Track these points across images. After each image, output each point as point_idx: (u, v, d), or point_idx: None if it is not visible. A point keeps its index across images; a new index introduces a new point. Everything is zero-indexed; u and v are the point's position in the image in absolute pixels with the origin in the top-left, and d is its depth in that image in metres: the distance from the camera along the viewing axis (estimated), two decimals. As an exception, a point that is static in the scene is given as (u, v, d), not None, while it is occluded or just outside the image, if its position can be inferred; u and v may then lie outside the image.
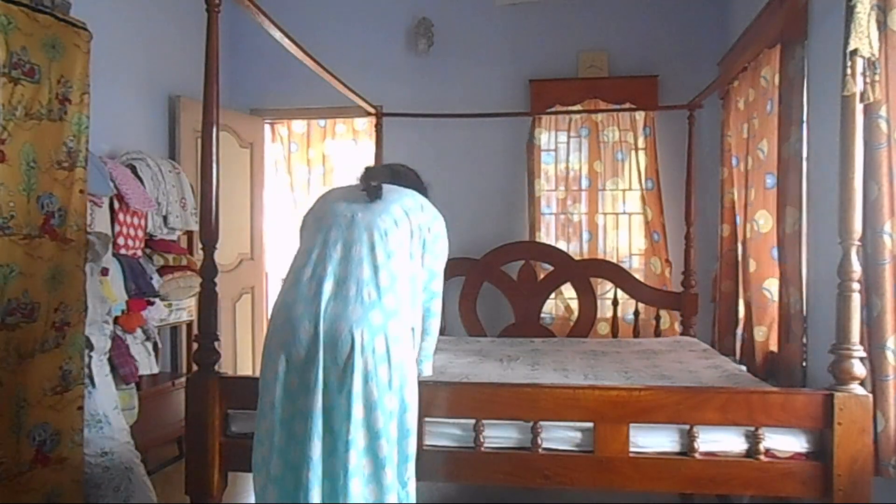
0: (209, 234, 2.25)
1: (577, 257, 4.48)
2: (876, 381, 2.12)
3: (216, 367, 2.26)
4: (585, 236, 4.67)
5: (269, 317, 2.18)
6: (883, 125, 2.11)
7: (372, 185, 2.08)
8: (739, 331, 3.68)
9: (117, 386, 3.03)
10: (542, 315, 4.38)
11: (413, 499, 1.93)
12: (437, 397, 2.16)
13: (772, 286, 3.13)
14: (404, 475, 1.90)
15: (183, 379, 3.36)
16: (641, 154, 4.59)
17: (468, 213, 4.71)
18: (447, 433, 2.21)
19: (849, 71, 1.91)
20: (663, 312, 4.20)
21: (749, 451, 2.07)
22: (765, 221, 3.17)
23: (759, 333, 3.20)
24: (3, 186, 2.24)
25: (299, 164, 5.30)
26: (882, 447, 2.11)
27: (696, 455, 2.07)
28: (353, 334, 1.82)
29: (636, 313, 4.25)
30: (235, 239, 4.76)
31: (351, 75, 3.74)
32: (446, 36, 4.76)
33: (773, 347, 3.13)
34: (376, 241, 1.97)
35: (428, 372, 2.31)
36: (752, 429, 2.05)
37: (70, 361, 2.48)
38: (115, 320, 3.15)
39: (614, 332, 4.23)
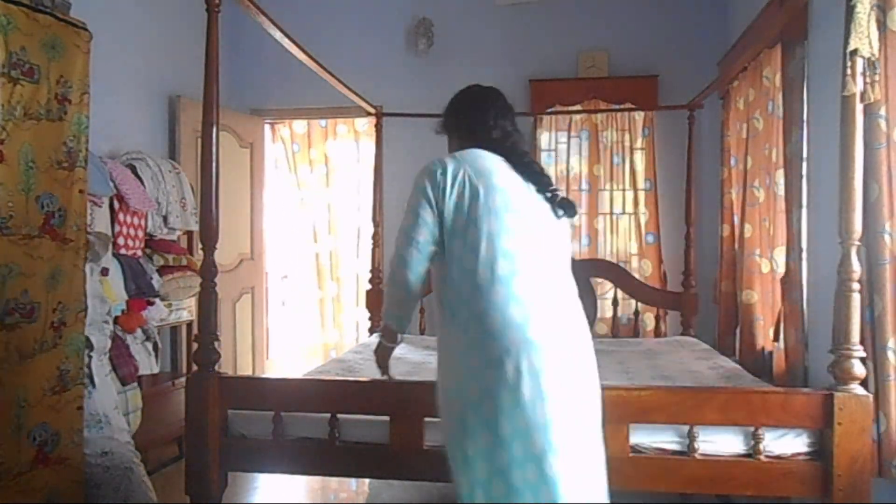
0: (209, 234, 2.25)
1: (577, 257, 4.48)
2: (878, 382, 2.11)
3: (216, 367, 2.27)
4: (585, 241, 4.66)
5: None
6: (883, 125, 2.10)
7: None
8: (739, 331, 3.68)
9: (121, 387, 3.03)
10: (543, 315, 4.37)
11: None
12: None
13: (776, 286, 3.13)
14: None
15: (183, 379, 3.36)
16: (639, 155, 4.59)
17: (468, 213, 4.71)
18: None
19: (849, 71, 1.91)
20: (661, 312, 4.20)
21: (749, 451, 2.07)
22: (771, 222, 3.17)
23: (760, 333, 3.19)
24: (1, 186, 2.24)
25: (302, 165, 5.29)
26: (885, 448, 2.11)
27: (696, 455, 2.06)
28: None
29: (636, 313, 4.24)
30: (235, 239, 4.76)
31: (351, 75, 3.74)
32: (446, 36, 4.76)
33: (774, 347, 3.13)
34: None
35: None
36: (752, 429, 2.05)
37: (67, 361, 2.47)
38: (115, 320, 3.15)
39: (614, 332, 4.23)
